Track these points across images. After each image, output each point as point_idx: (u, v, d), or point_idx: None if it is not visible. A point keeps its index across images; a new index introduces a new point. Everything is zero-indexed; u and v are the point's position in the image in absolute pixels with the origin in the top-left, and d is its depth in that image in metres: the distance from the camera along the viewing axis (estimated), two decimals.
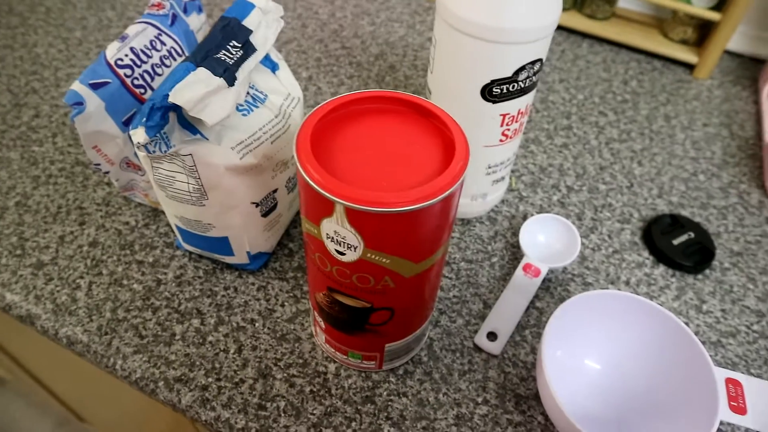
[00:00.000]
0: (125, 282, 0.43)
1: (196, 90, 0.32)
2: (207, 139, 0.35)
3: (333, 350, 0.38)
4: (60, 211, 0.48)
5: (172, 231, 0.47)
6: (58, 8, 0.71)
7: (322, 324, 0.37)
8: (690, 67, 0.70)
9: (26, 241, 0.46)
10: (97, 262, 0.45)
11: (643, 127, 0.61)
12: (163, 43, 0.42)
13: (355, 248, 0.28)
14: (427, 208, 0.27)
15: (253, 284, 0.44)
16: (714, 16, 0.64)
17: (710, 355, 0.42)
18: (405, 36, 0.70)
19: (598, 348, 0.39)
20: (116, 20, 0.70)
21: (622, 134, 0.60)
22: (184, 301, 0.42)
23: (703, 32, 0.70)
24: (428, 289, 0.34)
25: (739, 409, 0.32)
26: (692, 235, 0.49)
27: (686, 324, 0.44)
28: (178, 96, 0.32)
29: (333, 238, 0.28)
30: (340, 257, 0.29)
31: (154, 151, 0.35)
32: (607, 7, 0.72)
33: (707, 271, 0.47)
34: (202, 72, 0.33)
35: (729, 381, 0.33)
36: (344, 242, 0.28)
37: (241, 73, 0.36)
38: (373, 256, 0.29)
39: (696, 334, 0.43)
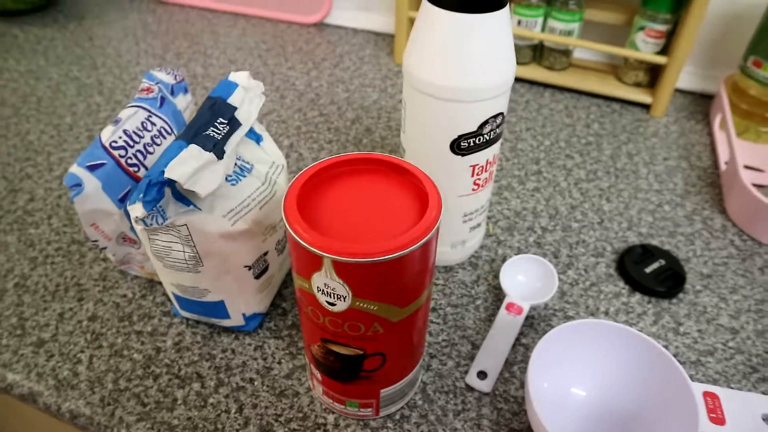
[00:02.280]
0: (125, 353, 0.45)
1: (189, 165, 0.35)
2: (200, 209, 0.38)
3: (331, 401, 0.40)
4: (58, 289, 0.50)
5: (169, 300, 0.49)
6: (48, 97, 0.75)
7: (319, 376, 0.39)
8: (646, 107, 0.75)
9: (26, 320, 0.47)
10: (97, 335, 0.46)
11: (608, 166, 0.65)
12: (153, 124, 0.45)
13: (344, 298, 0.31)
14: (408, 255, 0.29)
15: (249, 344, 0.45)
16: (660, 59, 0.69)
17: (691, 374, 0.44)
18: (378, 99, 0.75)
19: (583, 376, 0.41)
20: (104, 104, 0.74)
21: (589, 174, 0.63)
22: (183, 366, 0.44)
23: (653, 74, 0.75)
24: (416, 333, 0.36)
25: (718, 420, 0.34)
26: (663, 262, 0.51)
27: (666, 346, 0.46)
28: (173, 171, 0.34)
29: (323, 290, 0.31)
30: (331, 308, 0.32)
31: (151, 224, 0.37)
32: (564, 59, 0.77)
33: (681, 295, 0.50)
34: (194, 148, 0.36)
35: (707, 394, 0.35)
36: (334, 293, 0.30)
37: (229, 147, 0.39)
38: (361, 304, 0.31)
39: (676, 355, 0.45)
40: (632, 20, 0.73)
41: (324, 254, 0.28)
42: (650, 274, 0.50)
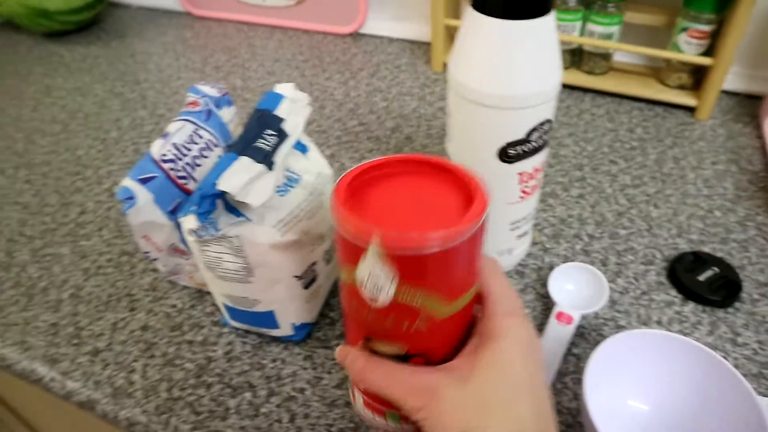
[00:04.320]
0: (178, 362, 0.46)
1: (241, 177, 0.36)
2: (251, 220, 0.38)
3: (372, 414, 0.39)
4: (111, 299, 0.51)
5: (218, 310, 0.50)
6: (95, 113, 0.77)
7: None
8: (691, 110, 0.73)
9: (82, 330, 0.48)
10: (150, 345, 0.47)
11: (654, 171, 0.63)
12: (200, 137, 0.46)
13: (388, 289, 0.30)
14: (454, 247, 0.29)
15: (299, 354, 0.46)
16: (706, 61, 0.67)
17: (753, 387, 0.42)
18: (417, 108, 0.75)
19: (640, 388, 0.40)
20: (148, 118, 0.76)
21: (635, 180, 0.62)
22: (235, 375, 0.44)
23: (698, 76, 0.73)
24: (460, 335, 0.36)
25: None
26: (717, 269, 0.50)
27: (724, 358, 0.44)
28: (225, 183, 0.35)
29: (367, 281, 0.31)
30: (373, 303, 0.31)
31: (203, 236, 0.38)
32: (604, 63, 0.76)
33: (737, 304, 0.48)
34: (245, 160, 0.37)
35: None
36: (377, 284, 0.30)
37: (278, 158, 0.39)
38: (405, 297, 0.31)
39: (735, 367, 0.44)
40: (674, 21, 0.72)
41: (370, 241, 0.28)
42: (704, 283, 0.49)
